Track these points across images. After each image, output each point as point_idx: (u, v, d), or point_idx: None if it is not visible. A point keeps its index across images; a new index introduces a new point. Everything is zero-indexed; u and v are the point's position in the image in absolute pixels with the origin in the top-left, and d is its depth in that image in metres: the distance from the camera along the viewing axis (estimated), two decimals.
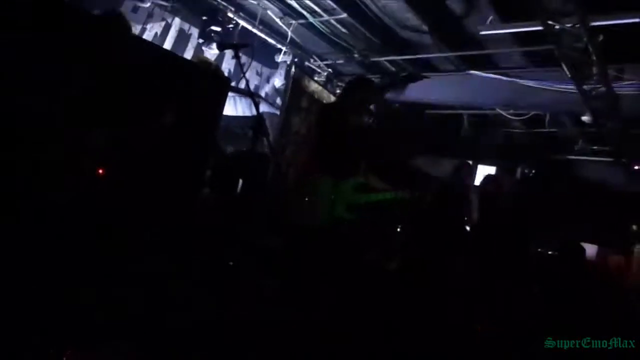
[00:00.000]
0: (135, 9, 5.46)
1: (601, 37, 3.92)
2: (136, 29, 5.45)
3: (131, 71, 3.23)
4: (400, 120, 7.61)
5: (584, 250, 5.51)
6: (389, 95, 4.41)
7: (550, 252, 6.73)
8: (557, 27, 3.76)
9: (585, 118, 5.34)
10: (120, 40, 3.35)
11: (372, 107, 3.67)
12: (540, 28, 3.93)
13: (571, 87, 4.92)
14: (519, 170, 8.32)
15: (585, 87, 4.61)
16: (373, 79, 6.02)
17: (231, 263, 4.57)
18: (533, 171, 8.13)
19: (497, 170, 8.39)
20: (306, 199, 3.21)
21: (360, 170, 3.46)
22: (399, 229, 5.84)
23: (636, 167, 6.88)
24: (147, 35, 5.54)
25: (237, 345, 2.79)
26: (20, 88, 2.83)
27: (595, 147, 7.80)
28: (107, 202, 3.20)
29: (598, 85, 4.61)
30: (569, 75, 4.41)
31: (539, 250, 6.76)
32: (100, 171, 3.10)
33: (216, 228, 4.71)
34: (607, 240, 7.04)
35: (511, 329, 4.11)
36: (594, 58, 4.09)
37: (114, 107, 3.09)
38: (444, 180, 5.84)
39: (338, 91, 6.53)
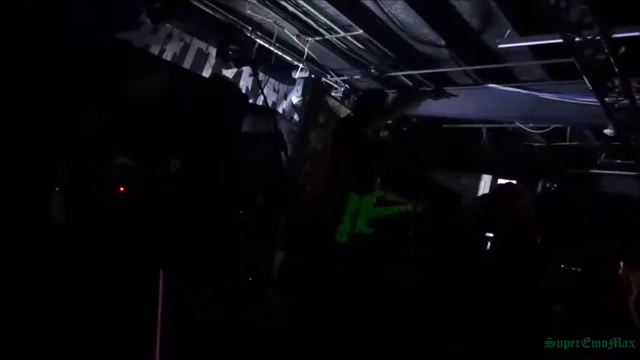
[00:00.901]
0: (155, 30, 5.56)
1: (623, 49, 3.86)
2: (155, 50, 5.54)
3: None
4: (417, 134, 7.57)
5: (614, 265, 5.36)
6: (407, 110, 4.39)
7: (573, 269, 6.58)
8: (577, 39, 3.72)
9: (607, 131, 5.23)
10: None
11: (389, 121, 3.66)
12: (560, 40, 3.89)
13: (593, 100, 4.84)
14: (540, 185, 8.19)
15: (607, 99, 4.53)
16: (390, 93, 6.02)
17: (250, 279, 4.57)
18: (554, 185, 7.99)
19: (517, 184, 8.26)
20: (331, 215, 3.19)
21: (376, 184, 3.44)
22: (417, 243, 5.76)
23: None
24: (167, 56, 5.63)
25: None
26: None
27: (618, 161, 7.64)
28: (126, 215, 3.22)
29: (620, 98, 4.52)
30: (590, 88, 4.33)
31: (562, 266, 6.61)
32: (122, 188, 3.13)
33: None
34: (632, 256, 6.85)
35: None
36: (616, 70, 4.02)
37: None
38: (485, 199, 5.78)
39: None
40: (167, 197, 3.56)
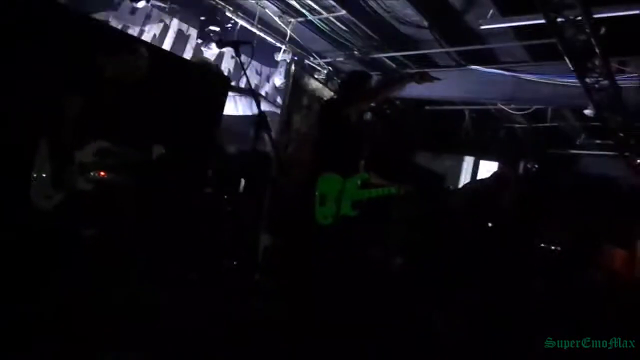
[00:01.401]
0: (133, 11, 5.43)
1: (604, 29, 3.88)
2: (134, 31, 5.42)
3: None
4: (400, 116, 7.58)
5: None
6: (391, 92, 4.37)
7: (553, 248, 6.71)
8: (559, 19, 3.73)
9: (587, 112, 5.30)
10: None
11: (373, 103, 3.64)
12: (542, 21, 3.90)
13: (573, 81, 4.88)
14: (521, 166, 8.29)
15: (587, 80, 4.57)
16: (373, 75, 6.00)
17: (235, 263, 4.57)
18: (535, 166, 8.10)
19: (499, 166, 8.37)
20: (315, 197, 3.18)
21: (360, 166, 3.45)
22: (401, 225, 5.82)
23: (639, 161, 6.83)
24: (146, 37, 5.51)
25: (238, 343, 2.76)
26: None
27: (598, 141, 7.77)
28: (108, 204, 3.18)
29: (600, 79, 4.57)
30: (572, 69, 4.37)
31: (542, 245, 6.74)
32: (102, 173, 3.08)
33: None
34: (610, 235, 7.01)
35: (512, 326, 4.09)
36: (597, 50, 4.05)
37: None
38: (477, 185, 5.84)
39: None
40: (148, 182, 3.52)
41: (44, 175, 2.84)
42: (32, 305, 2.56)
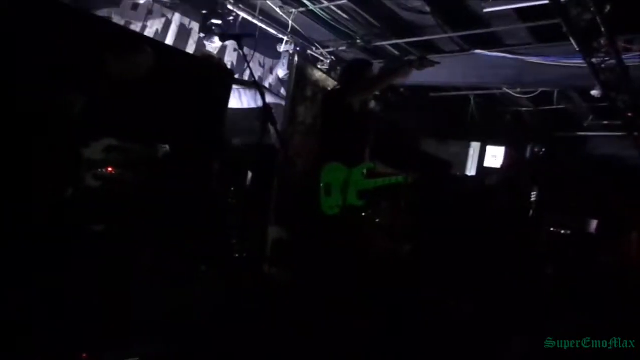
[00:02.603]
0: (135, 7, 5.43)
1: (609, 8, 3.83)
2: (137, 27, 5.42)
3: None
4: (405, 103, 7.54)
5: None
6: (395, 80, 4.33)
7: (563, 232, 6.68)
8: None
9: (594, 92, 5.25)
10: None
11: (376, 91, 3.62)
12: (545, 2, 3.86)
13: (579, 62, 4.83)
14: (528, 149, 8.24)
15: (594, 60, 4.52)
16: (376, 63, 5.97)
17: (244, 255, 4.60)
18: (543, 149, 8.04)
19: (506, 150, 8.32)
20: (320, 187, 3.18)
21: (366, 155, 3.44)
22: (410, 213, 5.81)
23: None
24: (148, 32, 5.51)
25: (246, 336, 2.78)
26: None
27: (606, 122, 7.69)
28: (115, 197, 3.21)
29: (607, 58, 4.52)
30: (577, 49, 4.32)
31: (552, 229, 6.71)
32: (110, 169, 3.10)
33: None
34: (621, 217, 6.96)
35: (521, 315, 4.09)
36: (602, 29, 4.01)
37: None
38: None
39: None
40: (155, 177, 3.54)
41: (55, 173, 2.86)
42: (40, 303, 2.59)
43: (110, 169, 3.08)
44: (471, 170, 8.68)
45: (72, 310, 2.61)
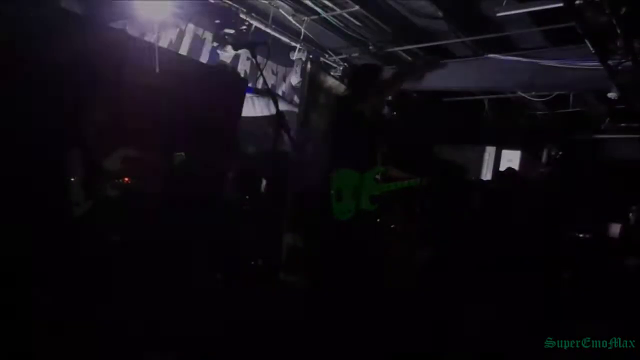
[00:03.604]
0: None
1: (624, 9, 3.79)
2: (151, 38, 5.49)
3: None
4: (418, 108, 7.52)
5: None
6: (406, 84, 4.31)
7: (581, 236, 6.57)
8: (577, 1, 3.65)
9: (611, 94, 5.18)
10: None
11: (387, 96, 3.62)
12: (559, 4, 3.83)
13: (594, 64, 4.77)
14: (545, 153, 8.14)
15: (610, 62, 4.47)
16: (389, 69, 5.96)
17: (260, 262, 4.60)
18: (559, 153, 7.94)
19: (522, 154, 8.23)
20: (333, 193, 3.18)
21: (378, 160, 3.43)
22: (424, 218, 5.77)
23: None
24: (162, 43, 5.57)
25: (262, 343, 2.78)
26: None
27: (623, 124, 7.58)
28: (133, 209, 3.24)
29: (623, 60, 4.46)
30: (593, 51, 4.27)
31: (570, 234, 6.60)
32: (127, 179, 3.14)
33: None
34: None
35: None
36: (618, 31, 3.96)
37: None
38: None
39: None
40: (171, 186, 3.57)
41: (74, 183, 2.91)
42: (62, 309, 2.63)
43: (126, 179, 3.12)
44: (486, 175, 8.60)
45: (89, 320, 2.64)
